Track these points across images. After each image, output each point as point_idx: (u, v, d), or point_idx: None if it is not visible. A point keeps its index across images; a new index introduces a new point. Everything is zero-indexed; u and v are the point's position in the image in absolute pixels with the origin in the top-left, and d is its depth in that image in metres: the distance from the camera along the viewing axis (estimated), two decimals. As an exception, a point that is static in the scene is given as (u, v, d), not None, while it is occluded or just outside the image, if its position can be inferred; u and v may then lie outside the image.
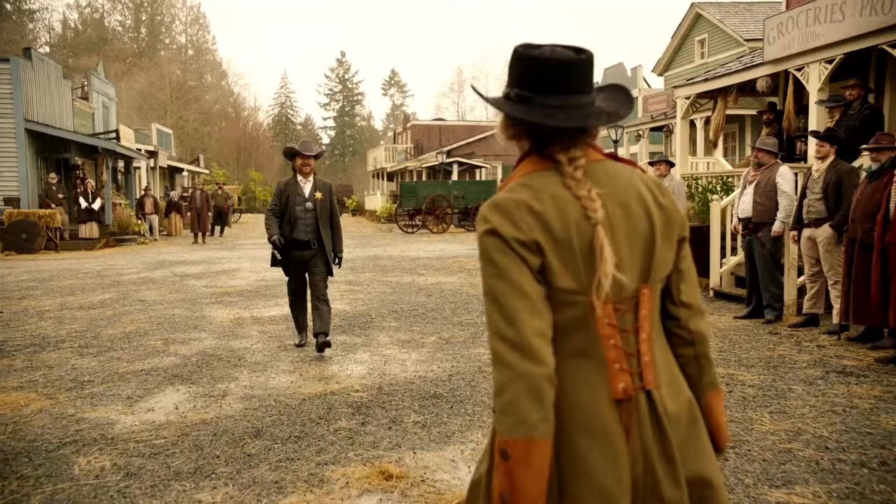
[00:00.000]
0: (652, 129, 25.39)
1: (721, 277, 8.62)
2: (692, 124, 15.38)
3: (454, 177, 30.21)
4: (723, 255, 8.70)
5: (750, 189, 7.02)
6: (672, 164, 8.72)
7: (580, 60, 1.34)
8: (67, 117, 21.18)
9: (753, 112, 19.26)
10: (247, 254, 16.14)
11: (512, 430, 1.21)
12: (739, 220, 7.22)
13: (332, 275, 5.93)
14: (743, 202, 7.09)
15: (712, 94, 11.23)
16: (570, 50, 1.35)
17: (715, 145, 11.26)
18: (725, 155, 19.42)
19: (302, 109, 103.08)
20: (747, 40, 20.80)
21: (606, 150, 1.45)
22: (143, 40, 66.67)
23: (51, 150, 19.50)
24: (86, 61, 48.20)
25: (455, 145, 34.25)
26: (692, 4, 23.56)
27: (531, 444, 1.21)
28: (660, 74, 26.73)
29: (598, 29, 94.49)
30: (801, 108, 9.05)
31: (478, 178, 31.23)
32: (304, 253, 5.83)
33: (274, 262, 5.92)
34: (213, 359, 5.77)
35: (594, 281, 1.29)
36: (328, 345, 5.68)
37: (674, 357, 1.44)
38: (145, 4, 66.91)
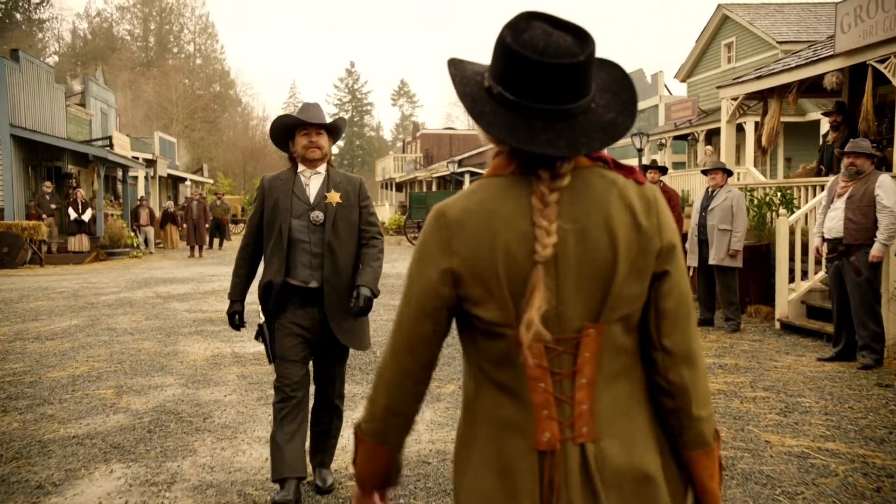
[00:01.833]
0: (675, 138, 24.14)
1: (789, 306, 7.30)
2: (739, 128, 14.07)
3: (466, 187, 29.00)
4: (790, 280, 7.38)
5: (840, 203, 5.72)
6: (730, 173, 7.43)
7: (579, 64, 1.10)
8: (60, 123, 20.11)
9: (790, 118, 18.00)
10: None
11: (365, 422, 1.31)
12: (825, 240, 5.92)
13: (362, 347, 3.28)
14: (831, 219, 5.78)
15: (762, 95, 9.95)
16: (568, 33, 1.12)
17: (765, 152, 9.95)
18: (756, 165, 18.11)
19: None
20: (780, 42, 19.53)
21: (605, 154, 1.20)
22: (152, 49, 66.19)
23: (41, 157, 18.41)
24: (94, 70, 47.63)
25: (466, 154, 33.08)
26: (719, 6, 22.33)
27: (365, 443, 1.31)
28: (683, 80, 25.49)
29: (615, 33, 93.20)
30: (880, 108, 7.74)
31: (490, 188, 29.99)
32: (309, 312, 3.14)
33: (238, 323, 3.32)
34: (172, 418, 4.50)
35: (522, 317, 1.14)
36: (330, 490, 3.33)
37: (655, 407, 1.25)
38: (154, 14, 66.48)
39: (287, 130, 3.21)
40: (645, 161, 20.64)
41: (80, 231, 17.10)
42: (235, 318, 3.31)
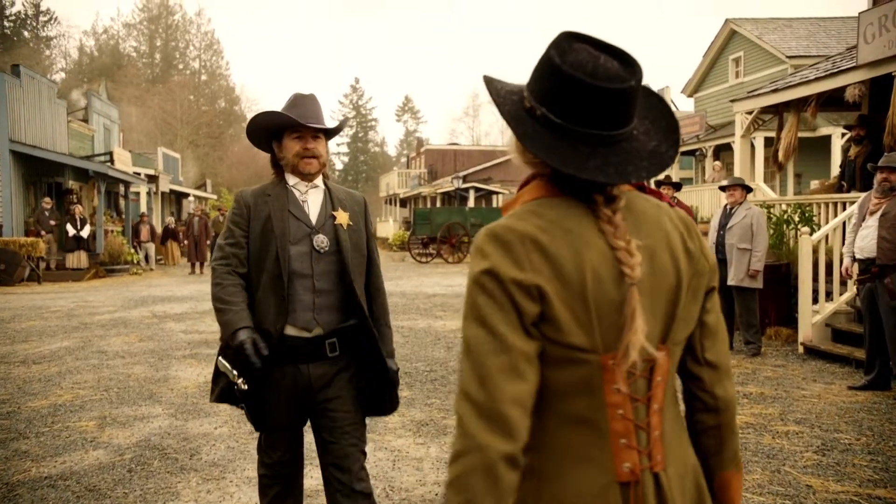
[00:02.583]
0: (682, 154, 23.85)
1: (813, 330, 6.93)
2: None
3: (470, 203, 28.76)
4: (814, 301, 7.02)
5: (872, 221, 5.38)
6: (749, 189, 7.10)
7: (630, 90, 1.08)
8: (61, 139, 19.92)
9: (800, 133, 17.68)
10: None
11: None
12: (855, 260, 5.57)
13: (384, 412, 2.53)
14: (862, 238, 5.44)
15: (777, 109, 9.65)
16: (615, 58, 1.09)
17: (781, 168, 9.62)
18: (765, 181, 17.78)
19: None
20: (790, 57, 19.28)
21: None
22: (158, 66, 66.53)
23: (41, 173, 18.21)
24: (98, 86, 47.80)
25: (471, 170, 32.87)
26: (726, 21, 22.14)
27: None
28: (689, 96, 25.25)
29: (622, 46, 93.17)
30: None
31: (495, 204, 29.81)
32: (309, 371, 2.38)
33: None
34: (156, 454, 4.15)
35: (620, 346, 1.08)
36: None
37: (689, 425, 1.26)
38: (160, 30, 66.91)
39: (275, 132, 2.44)
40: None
41: (78, 248, 16.83)
42: (255, 345, 2.25)
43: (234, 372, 2.30)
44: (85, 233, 16.89)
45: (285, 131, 2.43)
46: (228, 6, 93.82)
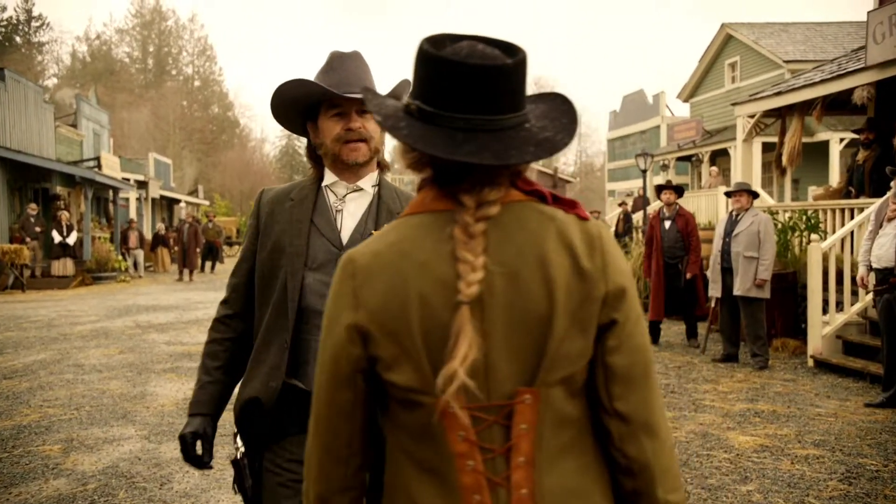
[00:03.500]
0: (678, 159, 23.65)
1: (823, 342, 6.63)
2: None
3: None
4: (824, 312, 6.73)
5: (890, 229, 5.10)
6: (755, 195, 6.81)
7: (506, 67, 0.97)
8: (48, 144, 19.54)
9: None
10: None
11: None
12: (871, 270, 5.28)
13: None
14: (879, 246, 5.15)
15: (780, 113, 9.39)
16: (497, 48, 1.00)
17: (784, 173, 9.36)
18: (762, 186, 17.53)
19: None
20: (787, 61, 19.10)
21: (538, 185, 1.05)
22: (151, 71, 66.19)
23: (27, 179, 17.81)
24: (89, 92, 47.46)
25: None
26: (722, 25, 22.00)
27: None
28: (685, 101, 25.08)
29: (616, 53, 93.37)
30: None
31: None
32: None
33: (200, 457, 1.75)
34: (123, 484, 3.81)
35: (441, 380, 0.94)
36: None
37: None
38: (153, 36, 66.57)
39: (304, 106, 1.75)
40: (658, 181, 20.08)
41: (64, 254, 16.45)
42: (195, 447, 1.71)
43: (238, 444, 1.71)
44: (71, 239, 16.51)
45: (321, 106, 1.73)
46: (222, 12, 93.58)
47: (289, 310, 1.67)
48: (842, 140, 16.90)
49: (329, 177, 1.75)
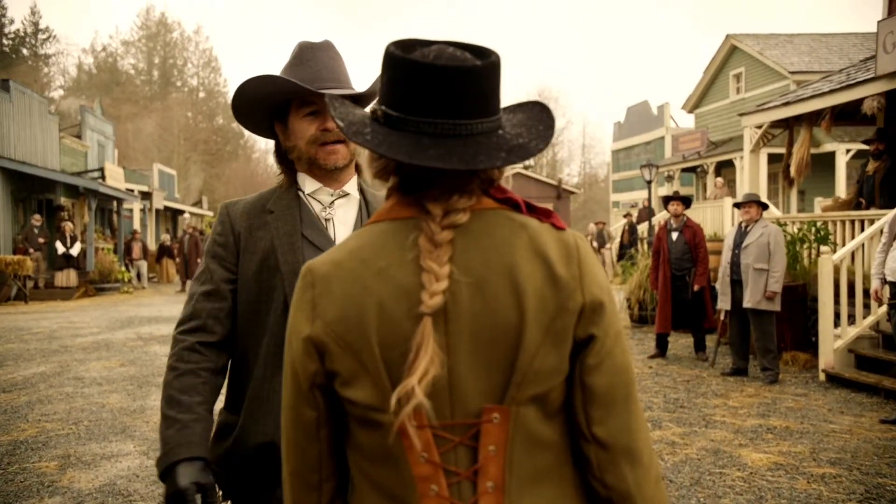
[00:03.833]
0: (683, 170, 23.57)
1: (835, 356, 6.51)
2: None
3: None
4: (835, 325, 6.61)
5: (904, 240, 4.99)
6: (765, 206, 6.71)
7: (475, 69, 0.91)
8: (53, 155, 19.56)
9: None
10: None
11: None
12: (885, 282, 5.17)
13: None
14: (894, 259, 5.05)
15: (787, 123, 9.30)
16: (467, 52, 0.95)
17: (792, 184, 9.26)
18: (768, 197, 17.42)
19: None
20: (792, 72, 19.04)
21: (512, 193, 1.00)
22: (156, 83, 66.57)
23: (31, 190, 17.81)
24: (93, 103, 47.74)
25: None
26: (727, 36, 21.97)
27: None
28: (690, 111, 25.03)
29: (620, 64, 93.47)
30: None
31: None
32: None
33: None
34: (120, 501, 3.71)
35: (398, 395, 0.86)
36: None
37: None
38: (158, 48, 67.00)
39: (270, 105, 1.58)
40: (664, 192, 19.99)
41: (68, 265, 16.40)
42: (205, 499, 1.38)
43: None
44: (75, 251, 16.47)
45: (290, 105, 1.55)
46: (227, 23, 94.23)
47: (272, 345, 1.48)
48: (848, 151, 16.81)
49: (310, 184, 1.59)
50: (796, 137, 8.99)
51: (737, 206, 6.86)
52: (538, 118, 1.03)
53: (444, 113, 0.92)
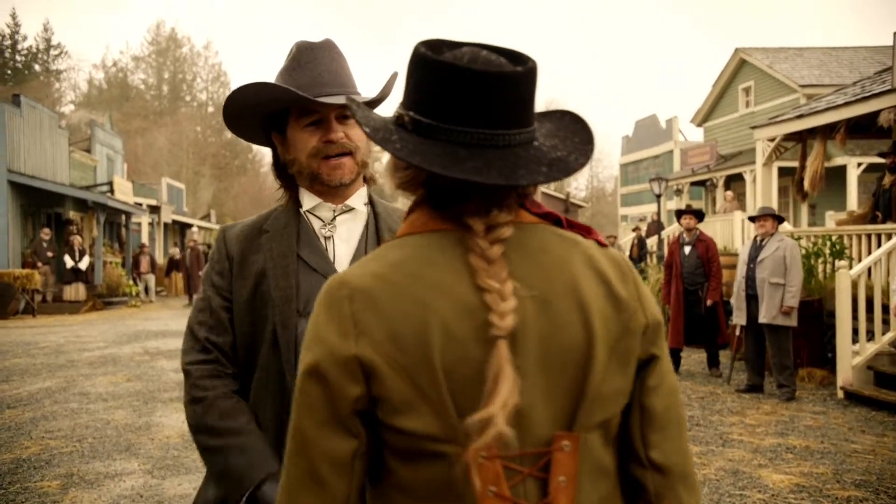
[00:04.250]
0: (692, 184, 23.45)
1: (853, 372, 6.37)
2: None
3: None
4: (853, 342, 6.47)
5: (926, 255, 4.87)
6: (781, 220, 6.60)
7: (515, 75, 0.85)
8: (62, 169, 19.65)
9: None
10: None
11: None
12: (907, 298, 5.05)
13: None
14: (915, 274, 4.92)
15: (801, 136, 9.21)
16: (503, 56, 0.88)
17: (805, 198, 9.15)
18: (779, 211, 17.27)
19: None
20: (802, 86, 18.96)
21: (548, 208, 0.93)
22: (165, 98, 67.13)
23: (41, 204, 17.89)
24: (103, 117, 48.15)
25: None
26: (736, 50, 21.95)
27: None
28: (699, 125, 24.96)
29: (628, 78, 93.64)
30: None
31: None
32: None
33: None
34: (123, 523, 3.62)
35: (473, 424, 0.77)
36: None
37: None
38: (168, 63, 67.63)
39: (265, 114, 1.44)
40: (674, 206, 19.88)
41: (76, 279, 16.42)
42: None
43: None
44: (83, 264, 16.49)
45: (289, 114, 1.40)
46: (236, 39, 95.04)
47: (284, 368, 1.33)
48: (859, 165, 16.66)
49: (309, 199, 1.43)
50: (809, 151, 8.89)
51: (752, 219, 6.76)
52: (571, 129, 0.97)
53: (481, 122, 0.86)
